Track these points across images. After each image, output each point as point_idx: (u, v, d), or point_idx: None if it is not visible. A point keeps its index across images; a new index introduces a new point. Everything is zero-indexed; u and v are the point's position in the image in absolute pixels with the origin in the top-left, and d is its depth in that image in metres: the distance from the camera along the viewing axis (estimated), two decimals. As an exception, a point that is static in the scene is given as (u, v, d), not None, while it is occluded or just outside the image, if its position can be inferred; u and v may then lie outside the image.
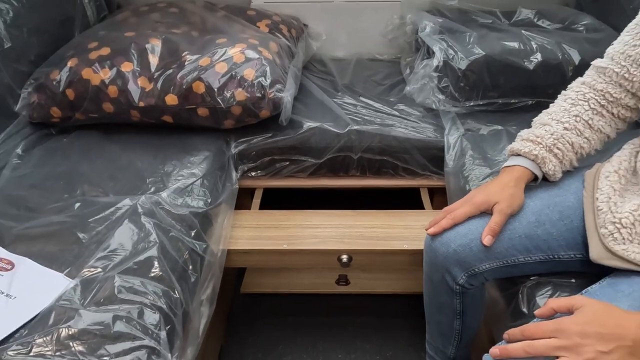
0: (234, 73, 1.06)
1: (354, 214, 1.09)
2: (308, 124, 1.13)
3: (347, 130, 1.12)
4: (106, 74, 1.07)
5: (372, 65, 1.50)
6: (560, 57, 1.12)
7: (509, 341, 0.57)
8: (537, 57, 1.12)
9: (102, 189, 0.91)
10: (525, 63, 1.12)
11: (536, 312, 0.59)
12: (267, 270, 1.26)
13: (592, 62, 0.76)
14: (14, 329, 0.62)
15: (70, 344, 0.61)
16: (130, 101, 1.06)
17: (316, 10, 1.54)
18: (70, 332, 0.62)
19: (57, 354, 0.59)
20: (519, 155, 0.75)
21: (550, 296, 0.70)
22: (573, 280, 0.71)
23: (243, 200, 1.17)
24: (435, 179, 1.16)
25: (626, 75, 0.70)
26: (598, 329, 0.51)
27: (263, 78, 1.06)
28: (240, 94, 1.06)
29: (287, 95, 1.08)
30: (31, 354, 0.59)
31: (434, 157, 1.14)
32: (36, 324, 0.63)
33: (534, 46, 1.14)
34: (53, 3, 1.23)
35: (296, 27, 1.45)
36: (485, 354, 0.60)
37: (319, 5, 1.54)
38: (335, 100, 1.25)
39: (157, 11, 1.37)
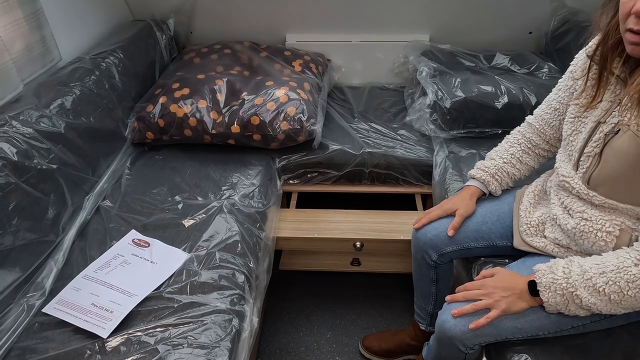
0: (280, 110, 1.46)
1: (366, 212, 1.48)
2: (332, 147, 1.53)
3: (361, 152, 1.52)
4: (188, 109, 1.47)
5: (381, 93, 1.89)
6: (522, 99, 1.49)
7: (458, 292, 0.97)
8: (504, 99, 1.50)
9: (193, 194, 1.32)
10: (495, 103, 1.50)
11: (475, 277, 0.99)
12: (299, 253, 1.65)
13: (526, 118, 1.14)
14: (162, 280, 1.04)
15: (198, 289, 1.02)
16: (205, 129, 1.47)
17: (338, 47, 1.94)
18: (195, 283, 1.03)
19: (191, 294, 1.01)
20: (474, 178, 1.14)
21: (490, 270, 1.09)
22: (506, 260, 1.10)
23: (283, 200, 1.57)
24: (425, 188, 1.55)
25: (542, 130, 1.08)
26: (503, 284, 0.91)
27: (301, 114, 1.46)
28: (285, 125, 1.46)
29: (318, 127, 1.48)
30: (177, 292, 1.01)
31: (425, 172, 1.52)
32: (175, 278, 1.05)
33: (503, 89, 1.52)
34: (142, 52, 1.64)
35: (322, 64, 1.84)
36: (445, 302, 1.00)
37: (340, 44, 1.94)
38: (352, 125, 1.65)
39: (214, 53, 1.78)
